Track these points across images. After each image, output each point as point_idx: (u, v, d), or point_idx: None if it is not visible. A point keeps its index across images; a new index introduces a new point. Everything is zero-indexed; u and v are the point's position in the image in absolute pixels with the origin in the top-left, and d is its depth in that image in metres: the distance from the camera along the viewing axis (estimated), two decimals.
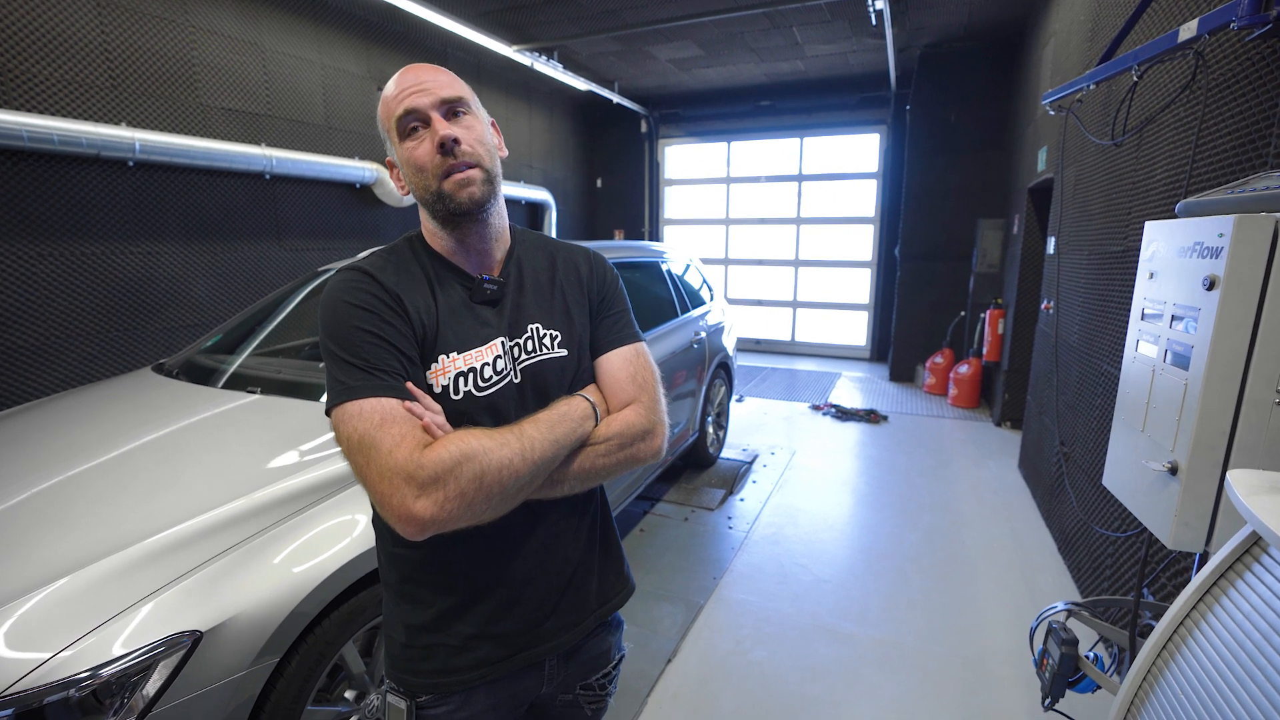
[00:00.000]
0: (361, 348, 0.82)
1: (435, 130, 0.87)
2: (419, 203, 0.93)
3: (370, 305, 0.85)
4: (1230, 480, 0.89)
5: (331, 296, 0.87)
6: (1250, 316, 1.00)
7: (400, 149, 0.89)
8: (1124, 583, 2.19)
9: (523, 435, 0.83)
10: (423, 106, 0.87)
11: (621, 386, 0.97)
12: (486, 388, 0.90)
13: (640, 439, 0.94)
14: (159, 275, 3.74)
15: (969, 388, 5.75)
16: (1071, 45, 3.57)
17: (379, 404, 0.79)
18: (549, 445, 0.84)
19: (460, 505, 0.77)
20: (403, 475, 0.75)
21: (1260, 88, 1.63)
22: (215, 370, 2.22)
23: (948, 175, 6.35)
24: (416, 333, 0.87)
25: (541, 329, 0.96)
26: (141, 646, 1.15)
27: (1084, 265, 3.02)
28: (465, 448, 0.78)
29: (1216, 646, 0.86)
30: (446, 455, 0.77)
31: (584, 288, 1.02)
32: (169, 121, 3.71)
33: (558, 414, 0.88)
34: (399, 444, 0.76)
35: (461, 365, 0.89)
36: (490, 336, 0.92)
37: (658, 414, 0.97)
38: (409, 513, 0.75)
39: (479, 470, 0.77)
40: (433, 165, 0.87)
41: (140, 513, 1.37)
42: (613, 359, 0.99)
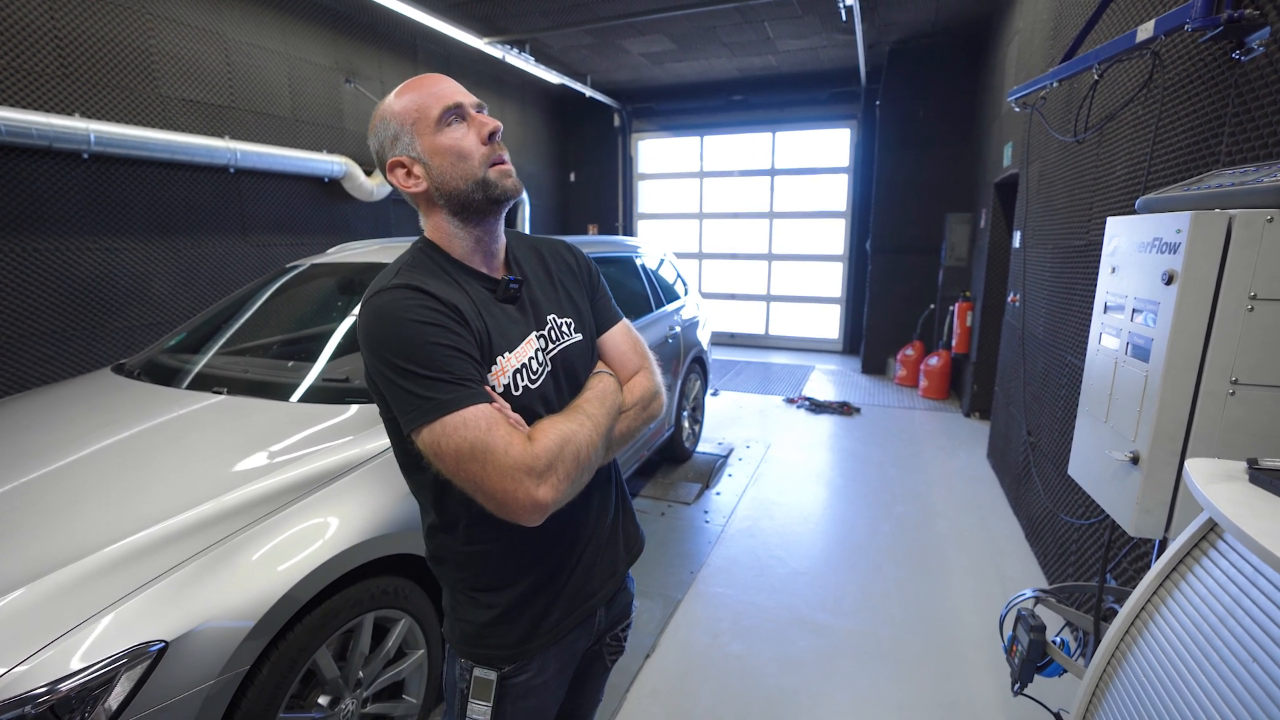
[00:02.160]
0: (444, 362, 0.85)
1: (482, 122, 0.94)
2: (443, 197, 0.94)
3: (438, 320, 0.87)
4: (1188, 469, 0.92)
5: (394, 317, 0.86)
6: (1206, 310, 1.04)
7: (436, 138, 0.92)
8: (1088, 568, 2.26)
9: (589, 414, 0.93)
10: (466, 103, 0.94)
11: (628, 358, 1.09)
12: (537, 379, 0.97)
13: (653, 399, 1.08)
14: (118, 272, 3.61)
15: (939, 379, 5.86)
16: (1035, 43, 3.65)
17: (479, 411, 0.83)
18: (607, 419, 0.96)
19: (569, 484, 0.86)
20: (524, 469, 0.82)
21: (1212, 87, 1.68)
22: (179, 370, 2.16)
23: (917, 170, 6.45)
24: (477, 339, 0.91)
25: (558, 318, 1.04)
26: (103, 659, 1.11)
27: (1048, 259, 3.10)
28: (562, 433, 0.87)
29: (1176, 629, 0.89)
30: (552, 444, 0.85)
31: (578, 276, 1.12)
32: (126, 112, 3.58)
33: (600, 391, 0.99)
34: (511, 442, 0.83)
35: (515, 363, 0.95)
36: (526, 333, 0.99)
37: (657, 377, 1.11)
38: (534, 501, 0.82)
39: (576, 451, 0.87)
40: (481, 153, 0.92)
41: (101, 519, 1.33)
42: (614, 336, 1.11)
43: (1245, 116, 1.54)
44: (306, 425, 1.74)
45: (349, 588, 1.48)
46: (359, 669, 1.56)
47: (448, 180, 0.92)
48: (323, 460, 1.58)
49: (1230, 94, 1.61)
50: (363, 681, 1.58)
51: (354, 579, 1.51)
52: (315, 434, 1.69)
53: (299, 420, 1.76)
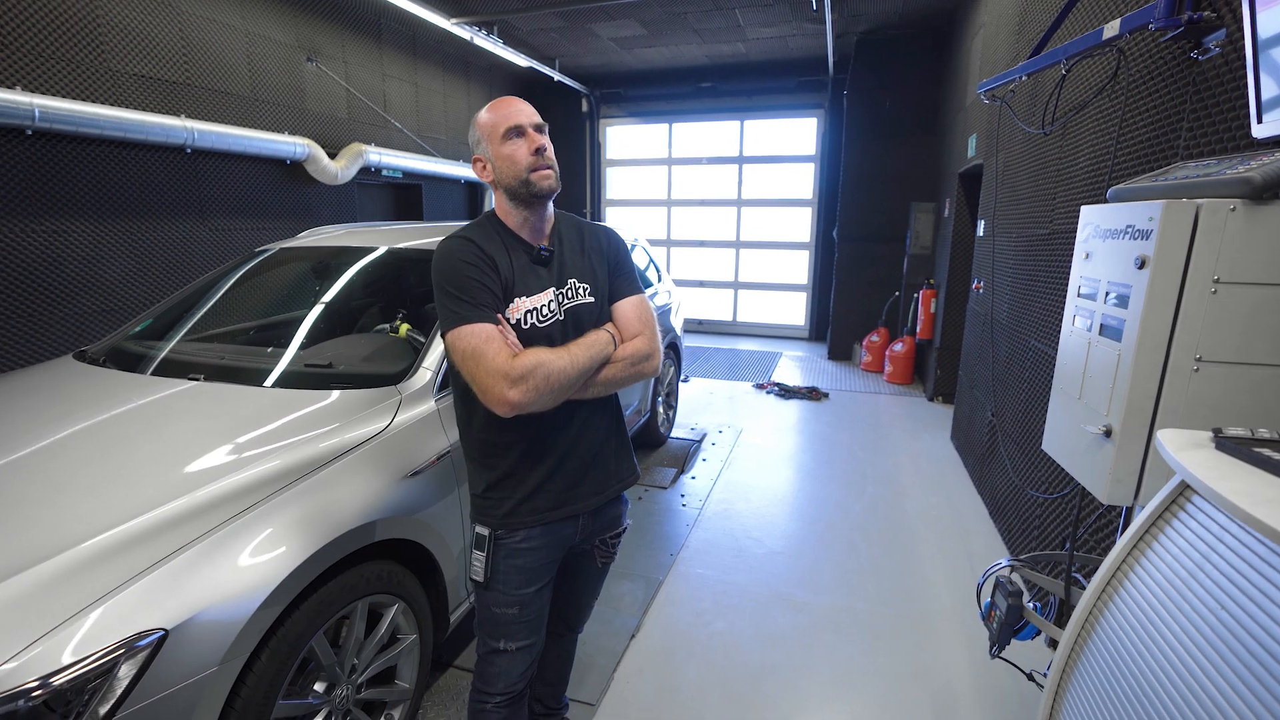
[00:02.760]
0: (471, 289, 1.22)
1: (532, 139, 1.29)
2: (504, 188, 1.30)
3: (475, 261, 1.25)
4: (1160, 438, 0.99)
5: (448, 255, 1.26)
6: (1175, 292, 1.11)
7: (500, 148, 1.28)
8: (1050, 542, 2.38)
9: (571, 352, 1.25)
10: (524, 123, 1.29)
11: (630, 323, 1.38)
12: (544, 322, 1.30)
13: (645, 359, 1.36)
14: (67, 256, 3.44)
15: (904, 365, 6.04)
16: (1000, 37, 3.76)
17: (484, 328, 1.20)
18: (587, 359, 1.26)
19: (536, 395, 1.18)
20: (501, 374, 1.16)
21: (1172, 84, 1.78)
22: (148, 356, 2.08)
23: (883, 159, 6.59)
24: (503, 282, 1.27)
25: (577, 283, 1.36)
26: (99, 650, 1.09)
27: (1012, 247, 3.22)
28: (539, 357, 1.20)
29: (1150, 585, 0.96)
30: (529, 361, 1.19)
31: (604, 255, 1.43)
32: (73, 87, 3.40)
33: (591, 339, 1.30)
34: (499, 353, 1.18)
35: (529, 305, 1.29)
36: (545, 286, 1.33)
37: (656, 343, 1.39)
38: (505, 398, 1.16)
39: (548, 372, 1.19)
40: (527, 162, 1.28)
41: (89, 508, 1.29)
42: (625, 305, 1.40)
43: (1202, 112, 1.63)
44: (291, 411, 1.70)
45: (343, 573, 1.47)
46: (353, 655, 1.56)
47: (504, 177, 1.29)
48: (312, 447, 1.56)
49: (1189, 91, 1.70)
50: (357, 667, 1.57)
51: (347, 565, 1.50)
52: (300, 420, 1.66)
53: (283, 406, 1.73)
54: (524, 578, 1.35)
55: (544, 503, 1.34)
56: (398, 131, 5.86)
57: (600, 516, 1.45)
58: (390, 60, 5.81)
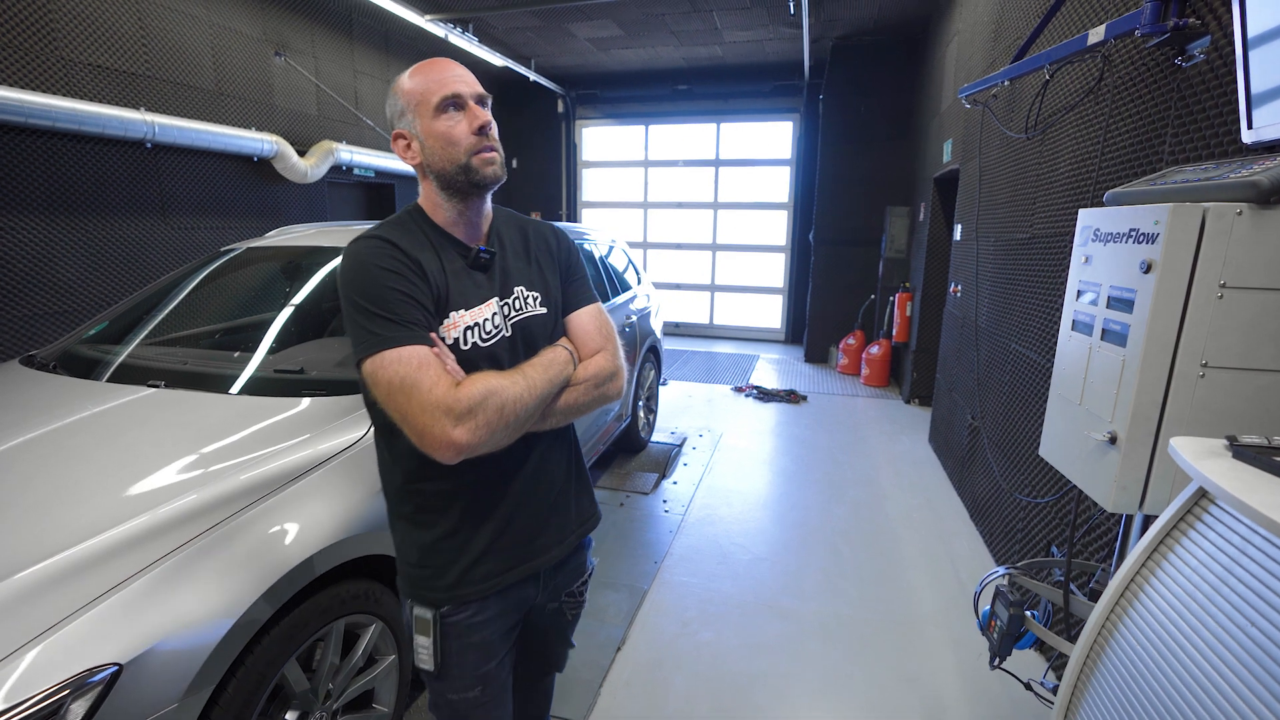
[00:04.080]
0: (394, 304, 0.95)
1: (474, 114, 1.03)
2: (434, 174, 1.04)
3: (397, 268, 0.98)
4: (1175, 446, 0.97)
5: (359, 261, 0.99)
6: (1181, 297, 1.09)
7: (432, 123, 1.02)
8: (1036, 544, 2.39)
9: (527, 375, 1.00)
10: (464, 94, 1.03)
11: (591, 338, 1.15)
12: (488, 340, 1.05)
13: (609, 380, 1.13)
14: (17, 254, 3.25)
15: (880, 367, 6.09)
16: (975, 44, 3.80)
17: (415, 351, 0.93)
18: (546, 384, 1.02)
19: (488, 432, 0.93)
20: (443, 408, 0.90)
21: (1157, 90, 1.79)
22: (103, 362, 1.95)
23: (858, 164, 6.65)
24: (434, 293, 1.01)
25: (525, 291, 1.12)
26: (42, 690, 0.99)
27: (990, 251, 3.25)
28: (489, 385, 0.94)
29: (1168, 597, 0.94)
30: (476, 391, 0.93)
31: (554, 257, 1.19)
32: (21, 76, 3.21)
33: (548, 359, 1.06)
34: (437, 383, 0.91)
35: (469, 320, 1.04)
36: (486, 296, 1.07)
37: (620, 359, 1.17)
38: (449, 439, 0.90)
39: (500, 403, 0.94)
40: (467, 142, 1.02)
41: (31, 530, 1.18)
42: (582, 316, 1.17)
43: (1187, 118, 1.64)
44: (259, 420, 1.60)
45: (317, 594, 1.38)
46: (329, 680, 1.46)
47: (435, 161, 1.03)
48: (282, 459, 1.46)
49: (1173, 97, 1.71)
50: (332, 693, 1.48)
51: (322, 585, 1.41)
52: (269, 430, 1.57)
53: (250, 415, 1.63)
54: (483, 654, 1.11)
55: (497, 565, 1.08)
56: (370, 129, 5.71)
57: (564, 567, 1.22)
58: (362, 56, 5.67)
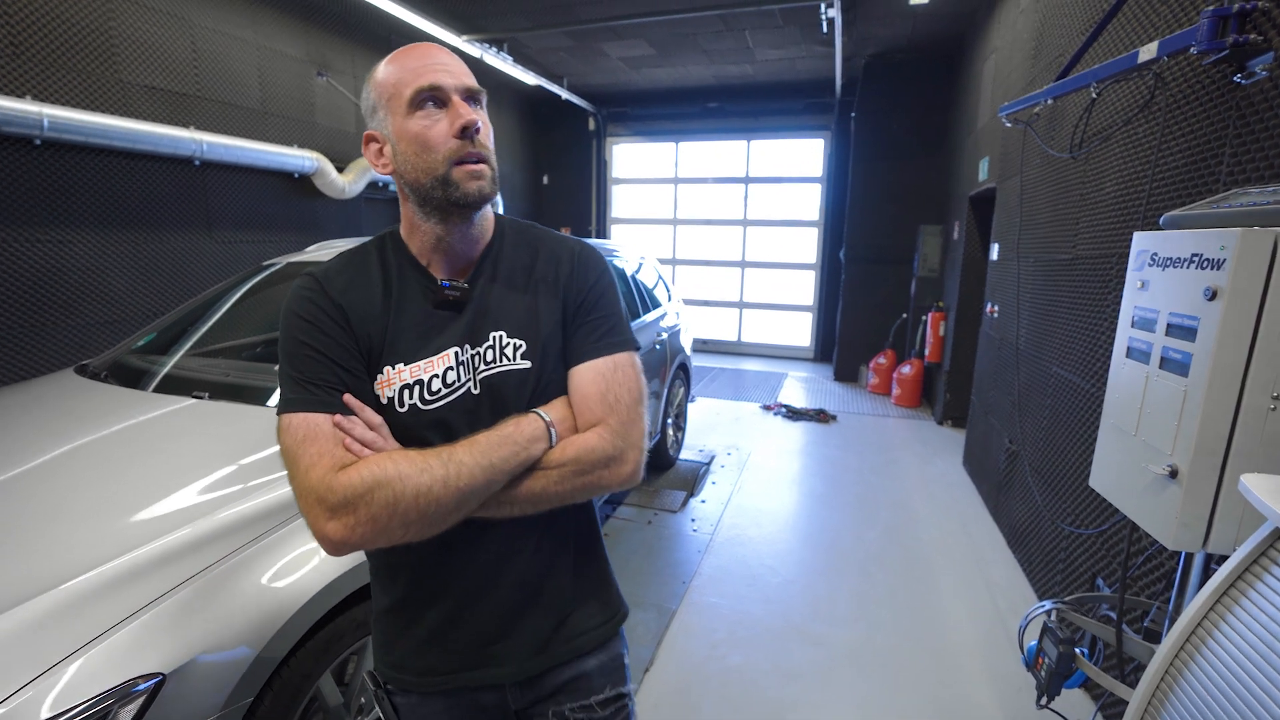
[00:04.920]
0: (300, 360, 0.82)
1: (458, 112, 0.82)
2: (407, 185, 0.85)
3: (311, 316, 0.84)
4: (1246, 483, 0.92)
5: (284, 306, 0.86)
6: (1250, 326, 1.05)
7: (405, 121, 0.82)
8: (1078, 577, 2.30)
9: (450, 460, 0.77)
10: (447, 86, 0.82)
11: (589, 405, 0.87)
12: (433, 401, 0.85)
13: (602, 465, 0.85)
14: (71, 266, 3.38)
15: (911, 388, 5.98)
16: (1014, 61, 3.75)
17: (305, 420, 0.79)
18: (480, 471, 0.78)
19: (372, 530, 0.75)
20: (314, 496, 0.75)
21: (1212, 109, 1.74)
22: (151, 373, 2.01)
23: (890, 181, 6.59)
24: (361, 344, 0.85)
25: (505, 337, 0.88)
26: (89, 698, 1.00)
27: (1030, 272, 3.17)
28: (380, 473, 0.75)
29: (1241, 643, 0.89)
30: (358, 480, 0.75)
31: (558, 289, 0.92)
32: (83, 97, 3.36)
33: (499, 436, 0.81)
34: (315, 464, 0.76)
35: (408, 377, 0.85)
36: (444, 346, 0.87)
37: (628, 438, 0.86)
38: (321, 533, 0.75)
39: (392, 497, 0.74)
40: (447, 148, 0.82)
41: (82, 538, 1.21)
42: (584, 374, 0.89)
43: (1248, 138, 1.59)
44: None
45: (353, 608, 1.39)
46: (361, 694, 1.46)
47: (408, 170, 0.83)
48: None
49: (1231, 116, 1.66)
50: (364, 707, 1.48)
51: (358, 599, 1.41)
52: None
53: None
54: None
55: (441, 661, 0.90)
56: None
57: (544, 685, 0.94)
58: None
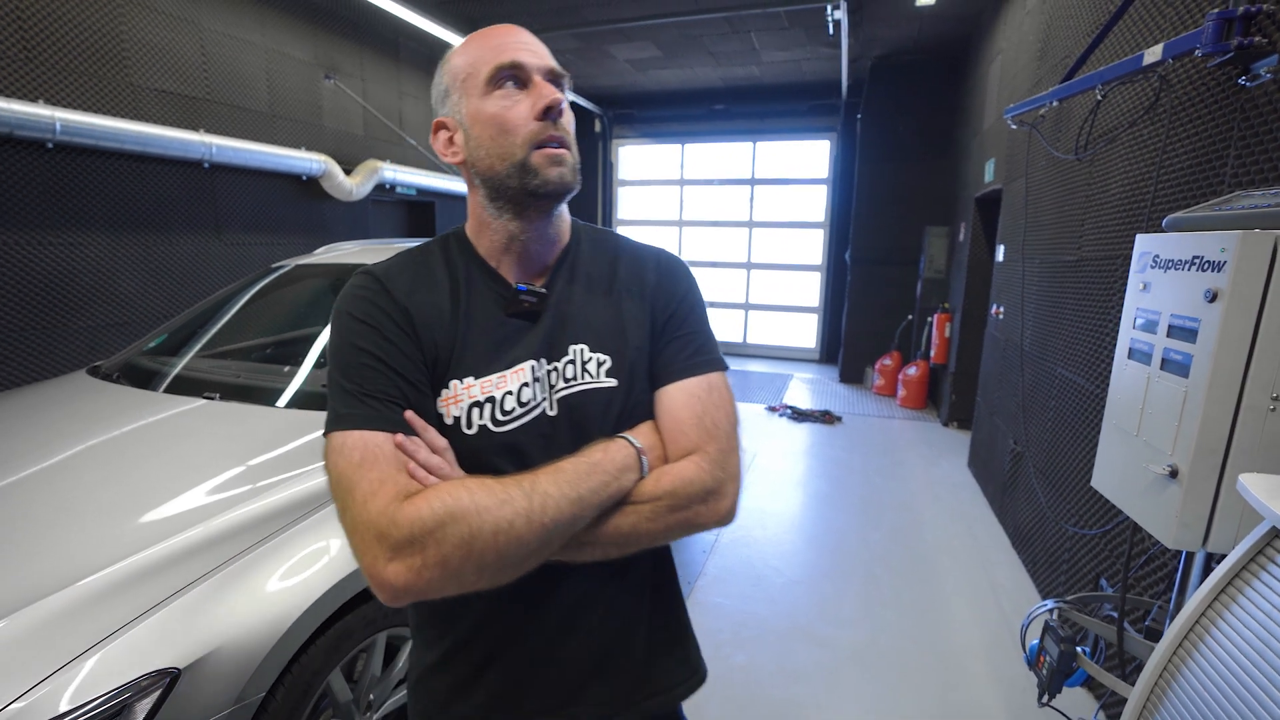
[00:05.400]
0: (357, 369, 0.72)
1: (540, 92, 0.75)
2: (479, 175, 0.78)
3: (373, 319, 0.74)
4: (1244, 483, 0.93)
5: (338, 306, 0.77)
6: (1250, 327, 1.06)
7: (481, 102, 0.75)
8: (1083, 577, 2.30)
9: (534, 490, 0.67)
10: (529, 64, 0.76)
11: (682, 430, 0.78)
12: (506, 422, 0.76)
13: (700, 500, 0.75)
14: (82, 268, 3.42)
15: (917, 389, 5.97)
16: (1020, 63, 3.75)
17: (363, 438, 0.68)
18: (568, 505, 0.68)
19: (441, 574, 0.63)
20: (374, 531, 0.63)
21: (1217, 111, 1.74)
22: (162, 374, 2.04)
23: (896, 183, 6.59)
24: (427, 354, 0.75)
25: (587, 351, 0.80)
26: (107, 691, 1.03)
27: (1035, 273, 3.17)
28: (454, 503, 0.64)
29: (1238, 640, 0.90)
30: (428, 512, 0.63)
31: (646, 300, 0.84)
32: (94, 101, 3.40)
33: (588, 463, 0.71)
34: (375, 492, 0.65)
35: (478, 394, 0.75)
36: (519, 359, 0.77)
37: (727, 468, 0.77)
38: (379, 577, 0.64)
39: (468, 533, 0.64)
40: (527, 130, 0.74)
41: (98, 536, 1.23)
42: (675, 394, 0.80)
43: (1253, 140, 1.59)
44: (307, 433, 1.65)
45: (362, 606, 1.41)
46: (370, 690, 1.49)
47: (482, 156, 0.76)
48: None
49: (1236, 118, 1.66)
50: (373, 704, 1.50)
51: (367, 596, 1.43)
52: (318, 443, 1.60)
53: (300, 428, 1.67)
54: None
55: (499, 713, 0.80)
56: (413, 149, 5.88)
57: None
58: (407, 79, 5.85)
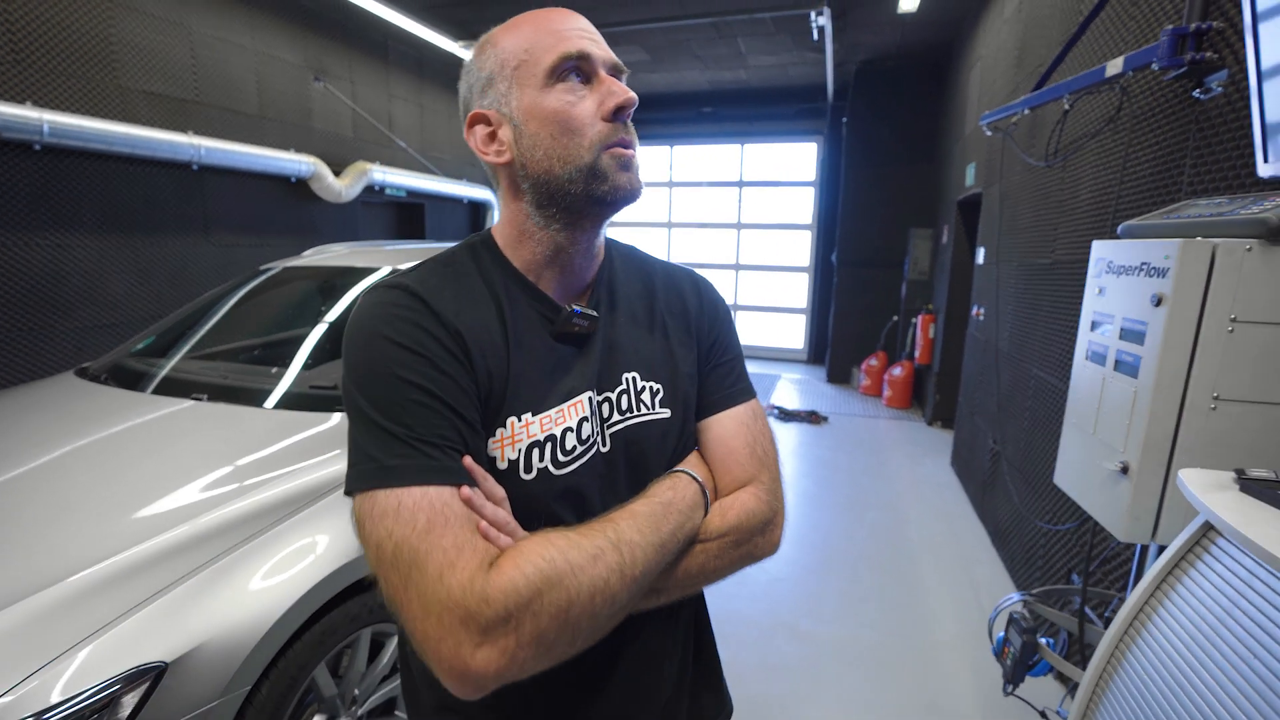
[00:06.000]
0: (404, 408, 0.58)
1: (610, 89, 0.66)
2: (530, 178, 0.67)
3: (421, 345, 0.60)
4: (1183, 478, 0.98)
5: (365, 327, 0.63)
6: (1191, 331, 1.11)
7: (541, 95, 0.64)
8: (1056, 572, 2.37)
9: (620, 540, 0.59)
10: (597, 57, 0.66)
11: (738, 461, 0.74)
12: (568, 462, 0.66)
13: (759, 532, 0.72)
14: (70, 270, 3.43)
15: (902, 389, 6.05)
16: (998, 70, 3.83)
17: (426, 497, 0.55)
18: (653, 553, 0.61)
19: (535, 652, 0.54)
20: (459, 614, 0.51)
21: (1175, 122, 1.81)
22: (149, 375, 2.06)
23: (881, 186, 6.67)
24: (481, 386, 0.63)
25: (639, 380, 0.72)
26: (96, 684, 1.06)
27: (1013, 275, 3.25)
28: (548, 567, 0.54)
29: (1174, 628, 0.95)
30: (523, 581, 0.53)
31: (691, 325, 0.78)
32: (83, 103, 3.41)
33: (662, 504, 0.65)
34: (453, 562, 0.53)
35: (538, 432, 0.65)
36: (576, 390, 0.68)
37: (779, 497, 0.75)
38: (464, 668, 0.52)
39: (565, 601, 0.54)
40: (596, 132, 0.65)
41: (86, 534, 1.26)
42: (726, 423, 0.76)
43: (1205, 150, 1.66)
44: (294, 433, 1.68)
45: (347, 602, 1.44)
46: (355, 685, 1.52)
47: (540, 158, 0.65)
48: (315, 473, 1.53)
49: (1191, 129, 1.73)
50: (358, 698, 1.54)
51: (352, 593, 1.47)
52: (304, 443, 1.64)
53: (286, 428, 1.71)
54: None
55: None
56: (402, 150, 5.90)
57: None
58: (396, 81, 5.88)
